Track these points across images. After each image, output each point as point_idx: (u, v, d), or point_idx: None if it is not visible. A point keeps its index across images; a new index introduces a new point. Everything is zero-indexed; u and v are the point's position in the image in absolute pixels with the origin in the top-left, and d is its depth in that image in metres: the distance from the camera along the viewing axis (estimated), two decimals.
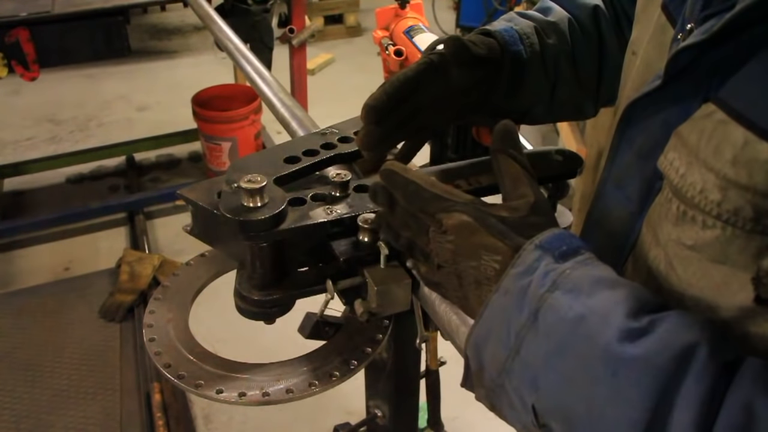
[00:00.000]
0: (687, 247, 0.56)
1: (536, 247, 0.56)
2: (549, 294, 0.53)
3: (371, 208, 0.82)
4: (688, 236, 0.55)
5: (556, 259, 0.55)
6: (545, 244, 0.56)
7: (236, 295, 0.83)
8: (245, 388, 0.79)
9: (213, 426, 2.34)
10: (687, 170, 0.55)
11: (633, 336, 0.48)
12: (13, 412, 2.31)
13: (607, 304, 0.51)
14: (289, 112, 1.22)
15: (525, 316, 0.54)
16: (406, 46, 1.42)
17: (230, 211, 0.76)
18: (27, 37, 2.69)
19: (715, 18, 0.55)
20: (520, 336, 0.54)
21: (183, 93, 3.72)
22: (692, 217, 0.55)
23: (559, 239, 0.57)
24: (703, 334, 0.48)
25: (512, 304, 0.55)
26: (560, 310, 0.52)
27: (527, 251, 0.57)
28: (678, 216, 0.56)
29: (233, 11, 2.99)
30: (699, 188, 0.53)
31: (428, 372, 1.26)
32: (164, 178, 3.75)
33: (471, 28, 5.35)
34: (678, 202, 0.56)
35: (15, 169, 3.59)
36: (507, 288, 0.57)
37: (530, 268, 0.55)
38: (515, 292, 0.55)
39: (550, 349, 0.52)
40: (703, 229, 0.54)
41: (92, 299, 2.78)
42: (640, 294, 0.52)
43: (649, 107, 0.63)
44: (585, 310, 0.51)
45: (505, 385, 0.56)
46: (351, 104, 2.99)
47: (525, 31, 0.86)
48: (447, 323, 0.73)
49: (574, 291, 0.53)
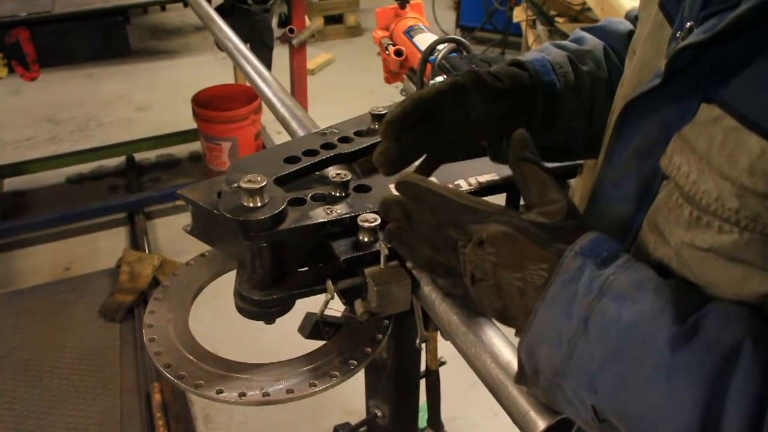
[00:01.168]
0: (702, 249, 0.56)
1: (577, 254, 0.58)
2: (597, 301, 0.55)
3: (371, 208, 0.82)
4: (703, 240, 0.56)
5: (598, 265, 0.56)
6: (586, 251, 0.58)
7: (236, 295, 0.83)
8: (245, 388, 0.79)
9: (213, 426, 2.34)
10: (699, 177, 0.55)
11: (681, 339, 0.50)
12: (13, 412, 2.31)
13: (653, 309, 0.53)
14: (289, 112, 1.22)
15: (575, 323, 0.55)
16: (406, 46, 1.42)
17: (230, 211, 0.76)
18: (27, 37, 2.69)
19: (716, 17, 0.55)
20: (572, 342, 0.56)
21: (183, 93, 3.72)
22: (707, 222, 0.55)
23: (598, 244, 0.58)
24: (747, 329, 0.50)
25: (561, 312, 0.57)
26: (609, 317, 0.54)
27: (569, 258, 0.58)
28: (691, 221, 0.57)
29: (233, 11, 2.99)
30: (714, 196, 0.54)
31: (428, 372, 1.26)
32: (164, 178, 3.75)
33: (471, 28, 5.36)
34: (691, 208, 0.56)
35: (15, 169, 3.59)
36: (554, 296, 0.58)
37: (575, 276, 0.57)
38: (563, 300, 0.57)
39: (604, 355, 0.54)
40: (719, 233, 0.54)
41: (92, 299, 2.78)
42: (682, 293, 0.54)
43: (647, 106, 0.63)
44: (633, 317, 0.53)
45: (562, 386, 0.57)
46: (351, 104, 2.99)
47: (558, 61, 0.85)
48: (447, 323, 0.73)
49: (620, 297, 0.54)
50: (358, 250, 0.80)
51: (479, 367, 0.68)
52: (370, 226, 0.79)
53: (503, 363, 0.66)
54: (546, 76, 0.83)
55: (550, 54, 0.86)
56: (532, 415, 0.62)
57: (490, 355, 0.67)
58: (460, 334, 0.71)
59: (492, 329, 0.71)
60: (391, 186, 0.84)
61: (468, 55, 1.22)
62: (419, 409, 1.20)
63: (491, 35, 5.35)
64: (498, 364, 0.66)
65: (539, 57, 0.85)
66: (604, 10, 2.45)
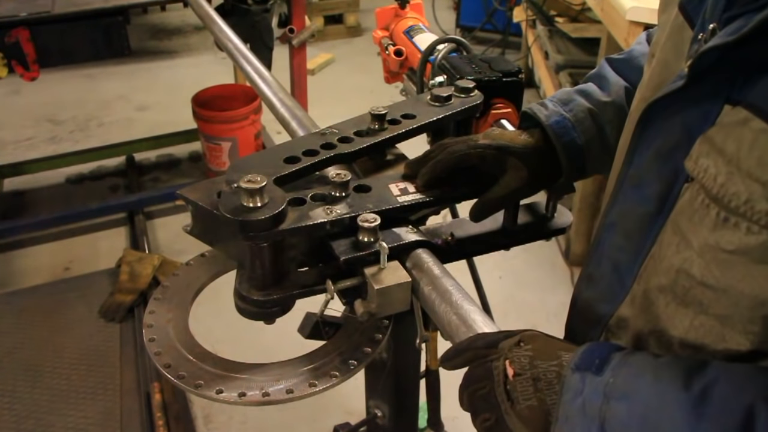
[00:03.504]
0: (727, 251, 0.57)
1: (574, 370, 0.61)
2: (606, 406, 0.57)
3: (371, 208, 0.83)
4: (729, 241, 0.57)
5: (595, 373, 0.60)
6: (581, 366, 0.61)
7: (236, 295, 0.83)
8: (245, 388, 0.79)
9: (213, 426, 2.34)
10: (727, 180, 0.56)
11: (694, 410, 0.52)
12: (13, 412, 2.31)
13: (658, 394, 0.55)
14: (289, 112, 1.22)
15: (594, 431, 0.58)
16: (406, 46, 1.42)
17: (230, 211, 0.76)
18: (27, 37, 2.69)
19: (741, 19, 0.55)
20: None
21: (183, 93, 3.72)
22: (735, 223, 0.56)
23: (589, 355, 0.62)
24: (756, 390, 0.51)
25: (578, 425, 0.59)
26: (622, 417, 0.56)
27: (568, 377, 0.61)
28: (717, 222, 0.58)
29: (233, 11, 2.99)
30: (744, 198, 0.54)
31: (428, 372, 1.27)
32: (164, 178, 3.75)
33: (471, 28, 5.35)
34: (718, 209, 0.57)
35: (15, 169, 3.58)
36: (566, 415, 0.60)
37: (578, 390, 0.60)
38: (575, 415, 0.59)
39: None
40: (747, 235, 0.55)
41: (92, 299, 2.78)
42: (679, 366, 0.56)
43: (669, 108, 0.64)
44: (643, 409, 0.55)
45: None
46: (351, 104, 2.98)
47: (578, 118, 0.92)
48: (447, 323, 0.73)
49: (624, 396, 0.57)
50: (358, 250, 0.80)
51: None
52: (370, 226, 0.79)
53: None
54: (566, 137, 0.90)
55: (572, 110, 0.93)
56: None
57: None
58: (460, 334, 0.71)
59: (492, 330, 0.71)
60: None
61: (468, 55, 1.22)
62: (419, 409, 1.20)
63: (491, 35, 5.35)
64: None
65: (560, 118, 0.91)
66: (604, 10, 2.45)
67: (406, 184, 0.90)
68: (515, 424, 0.64)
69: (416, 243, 0.84)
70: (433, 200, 0.88)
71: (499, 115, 1.09)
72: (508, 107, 1.09)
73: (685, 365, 0.56)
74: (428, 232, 0.97)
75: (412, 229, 0.86)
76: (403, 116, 1.01)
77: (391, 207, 0.85)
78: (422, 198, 0.88)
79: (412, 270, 0.80)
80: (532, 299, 2.89)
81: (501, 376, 0.65)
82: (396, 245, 0.81)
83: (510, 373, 0.64)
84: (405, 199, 0.87)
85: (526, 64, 4.46)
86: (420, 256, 0.82)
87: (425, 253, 0.83)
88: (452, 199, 0.94)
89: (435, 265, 0.80)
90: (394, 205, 0.85)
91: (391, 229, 0.84)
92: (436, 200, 0.89)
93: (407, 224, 0.86)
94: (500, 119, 1.09)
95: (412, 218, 0.90)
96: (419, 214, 0.96)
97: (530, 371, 0.64)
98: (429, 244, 0.85)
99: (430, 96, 1.04)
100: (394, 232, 0.84)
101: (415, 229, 0.86)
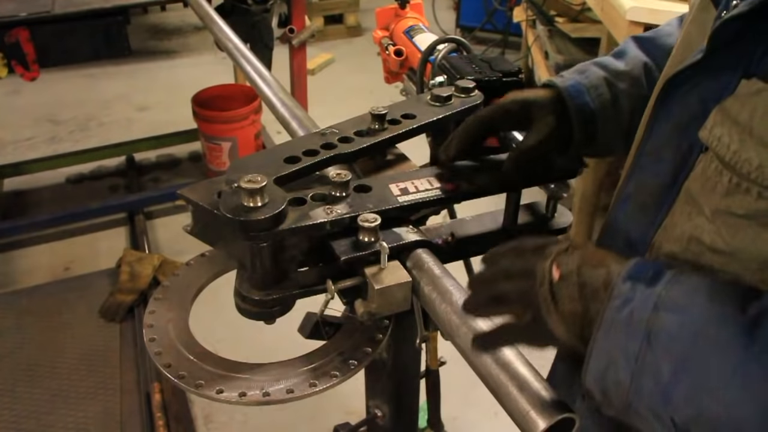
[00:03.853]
0: (737, 215, 0.59)
1: (625, 279, 0.60)
2: (655, 317, 0.56)
3: (371, 208, 0.83)
4: (740, 205, 0.59)
5: (647, 285, 0.59)
6: (633, 275, 0.60)
7: (236, 295, 0.83)
8: (245, 388, 0.79)
9: (213, 426, 2.34)
10: (740, 147, 0.58)
11: (747, 333, 0.52)
12: (13, 412, 2.31)
13: (713, 310, 0.55)
14: (289, 112, 1.22)
15: (638, 341, 0.57)
16: (406, 46, 1.42)
17: (230, 211, 0.76)
18: (27, 37, 2.69)
19: None
20: (639, 359, 0.57)
21: (183, 93, 3.72)
22: (746, 188, 0.58)
23: (642, 267, 0.61)
24: None
25: (622, 335, 0.58)
26: (671, 329, 0.56)
27: (618, 285, 0.60)
28: (729, 188, 0.60)
29: (233, 11, 2.99)
30: (756, 164, 0.57)
31: (428, 372, 1.27)
32: (164, 178, 3.75)
33: (471, 28, 5.35)
34: (730, 175, 0.59)
35: (15, 169, 3.58)
36: (610, 322, 0.59)
37: (627, 299, 0.59)
38: (620, 323, 0.58)
39: (674, 365, 0.55)
40: (758, 199, 0.57)
41: (92, 299, 2.78)
42: (735, 290, 0.56)
43: (688, 81, 0.67)
44: (695, 324, 0.55)
45: (634, 405, 0.58)
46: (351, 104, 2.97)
47: (593, 83, 0.92)
48: (447, 323, 0.73)
49: (677, 308, 0.56)
50: (358, 250, 0.80)
51: (479, 367, 0.68)
52: (370, 226, 0.79)
53: (503, 363, 0.66)
54: (578, 99, 0.90)
55: (588, 77, 0.92)
56: (533, 415, 0.61)
57: (490, 355, 0.67)
58: (461, 334, 0.71)
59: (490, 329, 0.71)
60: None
61: (468, 55, 1.22)
62: (419, 409, 1.20)
63: (491, 35, 5.35)
64: (498, 364, 0.66)
65: (574, 81, 0.91)
66: (604, 10, 2.45)
67: (406, 184, 0.90)
68: (556, 325, 0.63)
69: (416, 243, 0.84)
70: (438, 198, 0.88)
71: None
72: None
73: (741, 290, 0.56)
74: (428, 232, 0.97)
75: (413, 229, 0.86)
76: (403, 116, 1.01)
77: (391, 207, 0.85)
78: (422, 198, 0.87)
79: (412, 270, 0.80)
80: None
81: (547, 276, 0.64)
82: (396, 245, 0.81)
83: (556, 276, 0.63)
84: (405, 199, 0.87)
85: (526, 64, 4.46)
86: (420, 256, 0.82)
87: (425, 253, 0.83)
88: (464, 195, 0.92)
89: (435, 265, 0.80)
90: (394, 205, 0.85)
91: (391, 229, 0.84)
92: (447, 198, 0.89)
93: (407, 224, 0.87)
94: None
95: (412, 218, 0.90)
96: (419, 214, 0.96)
97: (577, 277, 0.63)
98: (429, 244, 0.85)
99: (430, 96, 1.04)
100: (395, 232, 0.84)
101: (415, 229, 0.86)
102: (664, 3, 2.15)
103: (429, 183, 0.90)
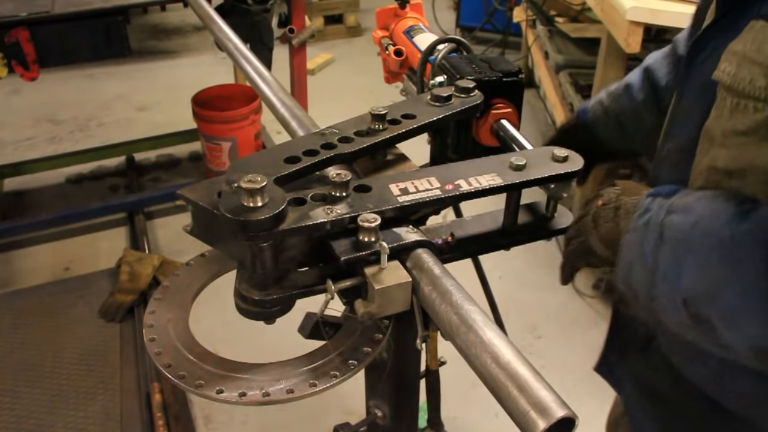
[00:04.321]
0: (741, 133, 0.68)
1: (648, 195, 0.75)
2: (666, 217, 0.70)
3: (371, 208, 0.83)
4: (742, 123, 0.68)
5: (665, 197, 0.72)
6: (654, 192, 0.75)
7: (236, 295, 0.83)
8: (245, 388, 0.79)
9: (213, 426, 2.34)
10: (737, 70, 0.68)
11: (741, 217, 0.62)
12: (13, 412, 2.31)
13: (712, 207, 0.67)
14: (289, 112, 1.22)
15: (654, 239, 0.70)
16: (406, 46, 1.42)
17: (230, 211, 0.76)
18: (27, 37, 2.69)
19: None
20: (654, 255, 0.70)
21: (183, 93, 3.72)
22: (744, 105, 0.67)
23: (664, 187, 0.75)
24: None
25: (641, 236, 0.72)
26: (678, 224, 0.68)
27: (642, 200, 0.75)
28: (731, 108, 0.69)
29: (233, 11, 2.99)
30: (748, 80, 0.66)
31: (428, 372, 1.26)
32: (164, 178, 3.75)
33: (471, 28, 5.36)
34: (731, 97, 0.69)
35: (15, 169, 3.58)
36: (634, 227, 0.74)
37: (648, 209, 0.73)
38: (640, 228, 0.73)
39: (680, 254, 0.67)
40: (755, 113, 0.67)
41: (92, 299, 2.78)
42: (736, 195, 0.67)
43: (710, 43, 0.77)
44: (697, 216, 0.67)
45: (656, 296, 0.70)
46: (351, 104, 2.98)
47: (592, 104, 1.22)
48: (447, 323, 0.73)
49: (685, 210, 0.69)
50: (359, 250, 0.80)
51: (479, 367, 0.68)
52: (371, 226, 0.79)
53: (503, 363, 0.66)
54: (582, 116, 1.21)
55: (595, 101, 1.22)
56: (533, 415, 0.61)
57: (490, 355, 0.67)
58: (460, 334, 0.71)
59: (492, 329, 0.71)
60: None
61: (468, 55, 1.22)
62: (419, 409, 1.20)
63: (491, 35, 5.35)
64: (498, 364, 0.66)
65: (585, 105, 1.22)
66: (604, 10, 2.45)
67: (406, 184, 0.90)
68: (596, 242, 0.80)
69: (416, 243, 0.84)
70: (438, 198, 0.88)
71: (499, 115, 1.09)
72: (508, 107, 1.09)
73: (742, 196, 0.66)
74: (428, 232, 0.97)
75: (413, 229, 0.86)
76: (403, 116, 1.01)
77: (391, 207, 0.85)
78: (422, 198, 0.87)
79: (412, 270, 0.80)
80: (533, 299, 2.89)
81: (593, 208, 0.81)
82: (396, 245, 0.81)
83: (598, 204, 0.80)
84: (405, 199, 0.87)
85: (526, 64, 4.46)
86: (420, 256, 0.82)
87: (425, 253, 0.83)
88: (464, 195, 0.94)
89: (435, 265, 0.80)
90: (394, 205, 0.85)
91: (391, 229, 0.84)
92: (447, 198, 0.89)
93: (407, 224, 0.86)
94: (500, 119, 1.09)
95: (412, 218, 0.90)
96: (419, 214, 0.96)
97: (615, 203, 0.78)
98: (429, 244, 0.85)
99: (430, 96, 1.04)
100: (395, 232, 0.84)
101: (415, 229, 0.86)
102: (665, 3, 2.15)
103: (429, 183, 0.90)
